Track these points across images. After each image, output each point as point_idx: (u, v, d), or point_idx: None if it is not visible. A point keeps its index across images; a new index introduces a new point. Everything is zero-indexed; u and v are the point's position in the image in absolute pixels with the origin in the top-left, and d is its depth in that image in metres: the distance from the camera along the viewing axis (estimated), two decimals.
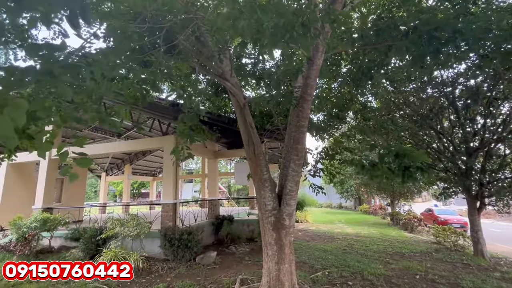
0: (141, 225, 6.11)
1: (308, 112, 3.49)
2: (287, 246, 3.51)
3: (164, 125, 8.43)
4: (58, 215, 7.36)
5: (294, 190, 3.56)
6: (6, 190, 9.44)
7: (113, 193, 30.22)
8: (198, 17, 2.40)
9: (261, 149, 3.84)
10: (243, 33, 1.71)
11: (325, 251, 7.30)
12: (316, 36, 1.65)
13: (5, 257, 6.44)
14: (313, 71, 3.32)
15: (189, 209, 10.31)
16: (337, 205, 30.09)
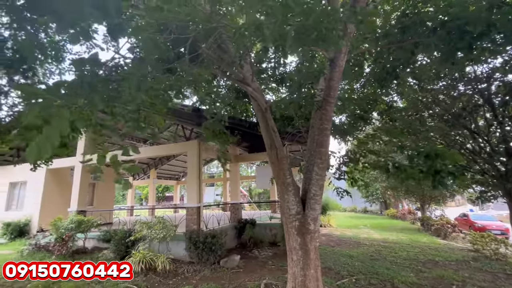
0: (167, 228, 6.31)
1: (331, 114, 3.43)
2: (313, 251, 3.44)
3: (187, 130, 8.68)
4: (91, 217, 7.81)
5: (318, 194, 3.50)
6: (46, 194, 10.20)
7: (139, 197, 31.45)
8: (221, 25, 2.47)
9: (283, 153, 3.82)
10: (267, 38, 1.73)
11: (351, 257, 7.06)
12: (341, 38, 1.62)
13: (45, 256, 6.92)
14: (336, 73, 3.27)
15: (212, 213, 10.48)
16: (362, 209, 29.00)
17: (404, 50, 4.16)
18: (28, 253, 7.22)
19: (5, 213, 10.85)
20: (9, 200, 11.33)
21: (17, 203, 11.24)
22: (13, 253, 7.55)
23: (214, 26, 2.37)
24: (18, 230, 9.51)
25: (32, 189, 10.52)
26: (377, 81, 5.12)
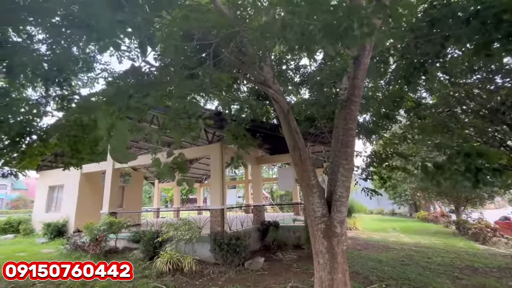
0: (193, 229, 6.46)
1: (356, 114, 3.33)
2: (340, 255, 3.35)
3: (209, 133, 8.85)
4: (122, 219, 8.21)
5: (344, 196, 3.40)
6: (80, 196, 10.89)
7: (165, 199, 32.52)
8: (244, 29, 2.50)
9: (307, 154, 3.77)
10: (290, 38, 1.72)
11: (379, 262, 6.77)
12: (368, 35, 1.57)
13: (81, 255, 7.38)
14: (361, 71, 3.17)
15: (235, 215, 10.57)
16: (389, 211, 27.71)
17: (433, 43, 3.94)
18: (66, 252, 7.74)
19: (46, 215, 11.73)
20: (48, 202, 12.24)
21: (55, 205, 12.12)
22: (54, 251, 8.14)
23: (237, 30, 2.40)
24: (57, 230, 10.24)
25: (68, 192, 11.29)
26: (403, 77, 4.89)
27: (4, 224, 11.75)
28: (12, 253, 7.93)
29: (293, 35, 1.67)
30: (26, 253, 7.98)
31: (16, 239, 10.70)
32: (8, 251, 8.14)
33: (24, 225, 11.69)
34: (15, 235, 11.25)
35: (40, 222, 11.03)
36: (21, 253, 7.95)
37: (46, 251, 8.23)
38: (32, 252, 8.06)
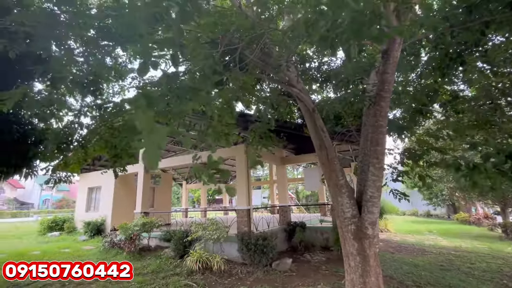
0: (220, 229, 6.58)
1: (386, 110, 3.19)
2: (372, 257, 3.21)
3: (234, 135, 8.98)
4: (153, 218, 8.60)
5: (376, 197, 3.26)
6: (116, 197, 11.60)
7: (192, 199, 33.53)
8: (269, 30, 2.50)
9: (334, 153, 3.67)
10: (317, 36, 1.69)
11: (415, 266, 6.39)
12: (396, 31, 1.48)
13: (117, 252, 7.85)
14: (390, 65, 3.03)
15: (261, 215, 10.60)
16: (424, 212, 26.04)
17: (471, 31, 3.65)
18: (104, 249, 8.28)
19: (86, 214, 12.66)
20: (88, 203, 13.20)
21: (94, 205, 13.03)
22: (94, 248, 8.75)
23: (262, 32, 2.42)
24: (96, 228, 10.99)
25: (105, 193, 12.08)
26: (437, 69, 4.58)
27: (51, 222, 12.87)
28: (58, 249, 8.66)
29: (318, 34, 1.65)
30: (70, 249, 8.67)
31: (61, 237, 11.66)
32: (55, 248, 8.90)
33: (68, 224, 12.71)
34: (60, 233, 12.27)
35: (81, 221, 11.94)
36: (66, 249, 8.65)
37: (87, 248, 8.87)
38: (75, 249, 8.73)
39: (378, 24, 1.54)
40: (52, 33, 3.57)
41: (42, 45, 3.79)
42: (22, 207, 33.79)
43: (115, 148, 4.72)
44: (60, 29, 3.68)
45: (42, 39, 3.59)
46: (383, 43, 3.03)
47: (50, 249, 8.63)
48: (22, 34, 3.55)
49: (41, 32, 3.39)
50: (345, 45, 1.76)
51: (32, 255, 7.74)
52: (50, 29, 3.48)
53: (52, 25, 3.50)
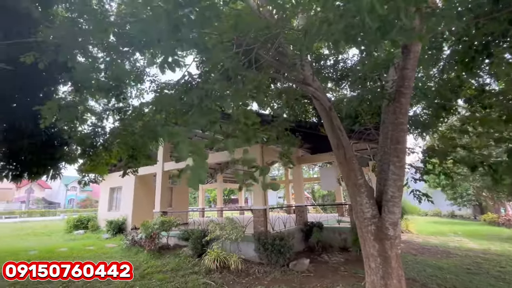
0: (237, 229, 6.63)
1: (407, 107, 3.08)
2: (394, 259, 3.12)
3: None
4: (172, 218, 8.81)
5: (397, 196, 3.16)
6: (136, 197, 11.99)
7: (208, 199, 34.04)
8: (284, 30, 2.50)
9: (352, 152, 3.60)
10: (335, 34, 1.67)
11: (440, 269, 6.12)
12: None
13: (139, 250, 8.11)
14: (411, 60, 2.93)
15: (277, 215, 10.57)
16: (448, 213, 24.85)
17: (498, 21, 3.45)
18: (126, 247, 8.58)
19: (108, 213, 13.18)
20: (110, 202, 13.74)
21: (116, 205, 13.55)
22: (116, 246, 9.10)
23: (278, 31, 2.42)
24: (118, 227, 11.42)
25: (126, 193, 12.52)
26: (461, 63, 4.37)
27: (77, 221, 13.52)
28: (83, 246, 9.08)
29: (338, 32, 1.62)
30: (95, 246, 9.06)
31: (86, 235, 12.22)
32: (80, 245, 9.34)
33: (92, 222, 13.30)
34: (85, 231, 12.86)
35: (104, 219, 12.45)
36: (90, 247, 9.06)
37: (110, 246, 9.24)
38: (99, 246, 9.12)
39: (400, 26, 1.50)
40: (77, 42, 3.76)
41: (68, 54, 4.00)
42: (49, 206, 35.75)
43: (133, 149, 4.89)
44: (83, 37, 3.87)
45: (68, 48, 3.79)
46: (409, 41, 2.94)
47: (76, 246, 9.07)
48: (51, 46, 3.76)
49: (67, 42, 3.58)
50: (367, 45, 1.72)
51: (60, 251, 8.17)
52: (75, 38, 3.66)
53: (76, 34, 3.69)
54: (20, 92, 5.38)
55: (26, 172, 6.22)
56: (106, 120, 5.55)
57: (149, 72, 7.52)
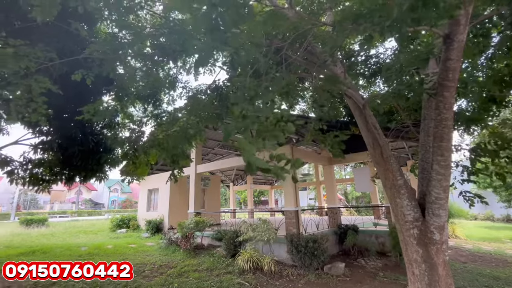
0: (269, 230, 6.64)
1: (452, 101, 2.84)
2: (441, 266, 2.89)
3: None
4: (205, 218, 9.09)
5: (442, 198, 2.93)
6: (171, 198, 12.59)
7: (238, 201, 34.50)
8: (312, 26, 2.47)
9: (390, 152, 3.42)
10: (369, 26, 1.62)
11: (495, 279, 5.52)
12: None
13: (175, 249, 8.48)
14: (455, 50, 2.70)
15: (310, 217, 10.37)
16: (503, 217, 22.22)
17: None
18: (164, 246, 9.03)
19: (147, 213, 14.01)
20: (148, 203, 14.60)
21: (153, 205, 14.36)
22: (155, 244, 9.63)
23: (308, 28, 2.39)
24: (156, 226, 12.08)
25: (162, 194, 13.21)
26: None
27: (119, 221, 14.57)
28: (126, 244, 9.75)
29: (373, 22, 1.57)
30: (136, 245, 9.68)
31: (128, 233, 13.11)
32: (124, 243, 10.04)
33: (132, 222, 14.24)
34: (126, 230, 13.81)
35: (143, 219, 13.26)
36: (132, 245, 9.70)
37: (149, 244, 9.80)
38: (139, 244, 9.73)
39: None
40: (117, 55, 4.08)
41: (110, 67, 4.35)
42: (95, 206, 39.04)
43: (169, 152, 5.16)
44: (123, 50, 4.18)
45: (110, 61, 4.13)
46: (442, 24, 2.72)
47: (120, 244, 9.77)
48: (96, 60, 4.14)
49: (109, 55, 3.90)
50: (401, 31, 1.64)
51: (106, 248, 8.87)
52: (116, 51, 3.98)
53: (117, 47, 4.00)
54: (71, 104, 5.98)
55: (77, 176, 6.89)
56: (145, 125, 5.92)
57: (181, 79, 7.89)
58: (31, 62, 3.04)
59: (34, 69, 3.20)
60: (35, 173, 6.26)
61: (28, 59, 2.98)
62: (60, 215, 27.82)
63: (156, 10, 5.44)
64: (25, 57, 2.93)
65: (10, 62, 2.78)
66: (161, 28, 4.13)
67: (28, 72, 3.29)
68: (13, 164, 6.06)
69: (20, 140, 6.43)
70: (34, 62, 3.11)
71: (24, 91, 3.26)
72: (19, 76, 3.22)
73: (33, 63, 3.10)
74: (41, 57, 3.19)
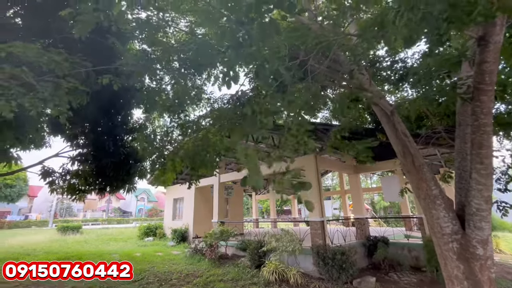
0: (294, 241, 6.51)
1: (490, 105, 2.67)
2: (487, 284, 2.65)
3: None
4: (229, 228, 9.13)
5: (484, 209, 2.72)
6: (196, 207, 12.82)
7: (260, 210, 34.26)
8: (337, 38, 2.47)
9: (422, 160, 3.25)
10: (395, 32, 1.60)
11: None
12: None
13: (201, 258, 8.57)
14: (491, 52, 2.56)
15: (336, 228, 10.03)
16: None
17: None
18: (189, 255, 9.16)
19: (172, 222, 14.37)
20: (174, 212, 14.99)
21: (179, 214, 14.70)
22: (180, 253, 9.80)
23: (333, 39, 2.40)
24: (181, 235, 12.33)
25: (187, 204, 13.51)
26: None
27: (146, 229, 15.06)
28: (153, 252, 10.03)
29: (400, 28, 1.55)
30: (162, 253, 9.93)
31: (154, 242, 13.48)
32: (151, 251, 10.34)
33: (159, 230, 14.65)
34: (153, 238, 14.22)
35: (169, 227, 13.60)
36: (159, 253, 9.96)
37: (175, 253, 10.00)
38: (166, 253, 9.96)
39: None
40: (146, 68, 4.34)
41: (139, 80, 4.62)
42: (124, 215, 40.77)
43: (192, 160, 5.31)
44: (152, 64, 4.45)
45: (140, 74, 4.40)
46: None
47: (147, 252, 10.08)
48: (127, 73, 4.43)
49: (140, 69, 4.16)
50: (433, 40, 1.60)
51: (135, 256, 9.18)
52: (145, 65, 4.24)
53: (146, 62, 4.26)
54: (104, 117, 6.40)
55: (108, 186, 7.29)
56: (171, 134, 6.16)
57: (206, 90, 8.17)
58: (69, 66, 3.27)
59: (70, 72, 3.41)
60: (72, 183, 6.71)
61: (68, 63, 3.22)
62: (92, 222, 29.38)
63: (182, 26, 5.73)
64: (66, 62, 3.18)
65: (52, 65, 3.03)
66: (187, 43, 4.35)
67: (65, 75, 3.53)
68: (54, 175, 6.56)
69: (60, 152, 6.97)
70: (72, 67, 3.34)
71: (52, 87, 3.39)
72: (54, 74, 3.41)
73: (71, 67, 3.33)
74: (79, 64, 3.42)
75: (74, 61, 3.23)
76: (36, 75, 3.02)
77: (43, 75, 3.08)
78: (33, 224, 25.86)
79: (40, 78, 2.97)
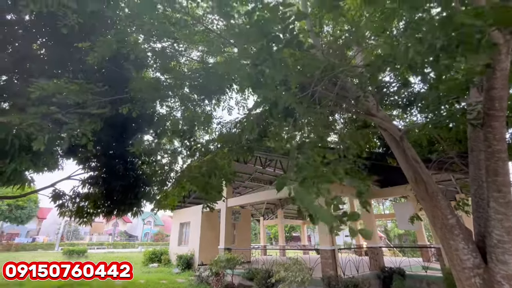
0: (303, 271, 6.20)
1: (502, 131, 2.62)
2: None
3: None
4: (236, 255, 8.82)
5: (506, 241, 2.55)
6: (202, 233, 12.55)
7: (269, 236, 33.14)
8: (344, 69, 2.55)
9: (435, 186, 3.14)
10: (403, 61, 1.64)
11: None
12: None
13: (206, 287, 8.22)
14: (498, 79, 2.55)
15: (347, 257, 9.56)
16: None
17: None
18: (194, 283, 8.81)
19: (178, 247, 14.02)
20: (180, 237, 14.67)
21: (184, 239, 14.37)
22: (185, 281, 9.44)
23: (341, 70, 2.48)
24: (187, 262, 11.96)
25: (193, 228, 13.26)
26: None
27: (151, 254, 14.72)
28: (158, 280, 9.69)
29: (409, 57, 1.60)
30: (167, 280, 9.58)
31: (159, 268, 13.09)
32: (155, 279, 10.00)
33: (164, 256, 14.28)
34: (158, 264, 13.83)
35: (175, 253, 13.24)
36: (163, 280, 9.61)
37: (180, 281, 9.63)
38: (170, 280, 9.61)
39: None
40: (158, 94, 4.52)
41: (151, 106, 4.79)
42: (130, 239, 40.16)
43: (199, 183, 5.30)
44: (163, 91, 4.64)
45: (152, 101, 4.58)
46: None
47: (151, 279, 9.75)
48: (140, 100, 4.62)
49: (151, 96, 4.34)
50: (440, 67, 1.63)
51: (139, 283, 8.88)
52: (157, 91, 4.42)
53: (158, 88, 4.45)
54: (117, 142, 6.58)
55: (115, 209, 7.29)
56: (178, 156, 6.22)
57: (215, 115, 8.36)
58: (89, 96, 3.48)
59: (90, 102, 3.62)
60: (81, 206, 6.76)
61: (88, 93, 3.42)
62: (97, 246, 29.01)
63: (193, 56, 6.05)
64: (88, 93, 3.38)
65: (73, 95, 3.22)
66: (198, 71, 4.55)
67: (85, 105, 3.74)
68: (64, 198, 6.64)
69: (72, 175, 7.11)
70: (91, 97, 3.54)
71: (78, 119, 3.62)
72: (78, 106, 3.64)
73: (91, 97, 3.54)
74: (97, 92, 3.63)
75: (94, 91, 3.43)
76: (62, 108, 3.22)
77: (68, 107, 3.28)
78: (39, 247, 25.73)
79: (66, 111, 3.16)
